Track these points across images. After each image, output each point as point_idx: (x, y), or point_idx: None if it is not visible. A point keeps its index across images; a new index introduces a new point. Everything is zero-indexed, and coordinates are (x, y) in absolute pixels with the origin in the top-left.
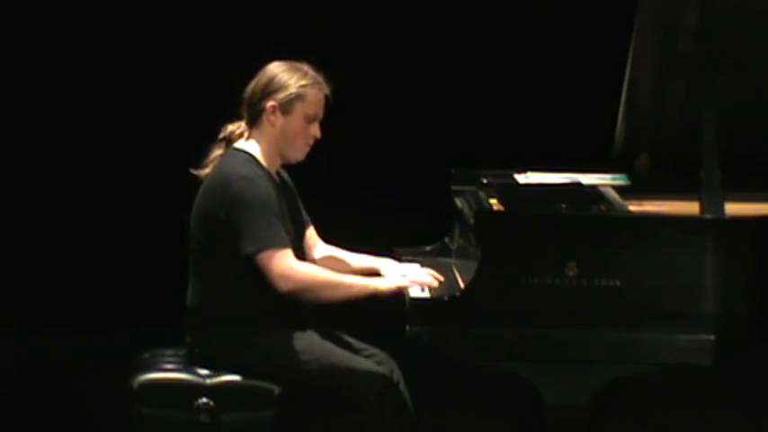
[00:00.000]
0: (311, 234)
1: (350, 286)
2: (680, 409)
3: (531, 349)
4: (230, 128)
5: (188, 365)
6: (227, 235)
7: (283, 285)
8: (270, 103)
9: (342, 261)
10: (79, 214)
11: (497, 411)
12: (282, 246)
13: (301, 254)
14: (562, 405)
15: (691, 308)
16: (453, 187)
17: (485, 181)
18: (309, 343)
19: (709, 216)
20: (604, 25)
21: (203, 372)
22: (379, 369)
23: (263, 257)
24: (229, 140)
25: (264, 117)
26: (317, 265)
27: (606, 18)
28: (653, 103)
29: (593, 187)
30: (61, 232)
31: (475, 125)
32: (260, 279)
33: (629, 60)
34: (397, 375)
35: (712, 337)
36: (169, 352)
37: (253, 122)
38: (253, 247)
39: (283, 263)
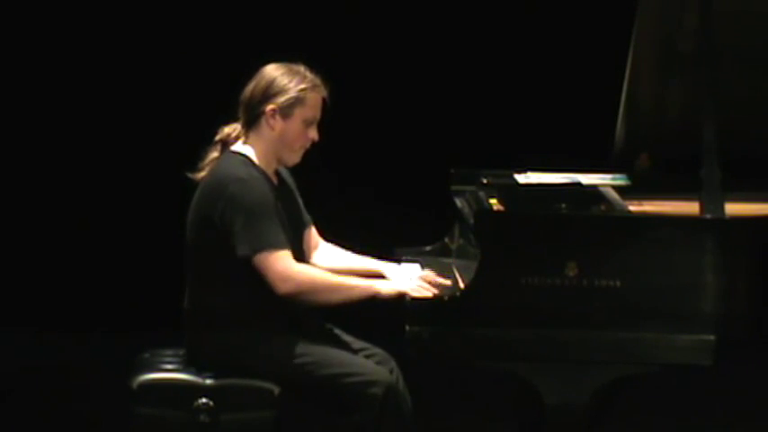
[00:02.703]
0: (312, 235)
1: (351, 288)
2: (680, 409)
3: (531, 349)
4: (226, 130)
5: (187, 366)
6: (223, 237)
7: (282, 287)
8: (269, 107)
9: (344, 262)
10: (79, 216)
11: (497, 411)
12: (280, 247)
13: (301, 255)
14: (562, 405)
15: (691, 308)
16: (453, 187)
17: (485, 181)
18: (310, 345)
19: (709, 216)
20: (604, 25)
21: (203, 372)
22: (381, 369)
23: (261, 259)
24: (225, 143)
25: (263, 120)
26: (317, 267)
27: (606, 18)
28: (653, 103)
29: (594, 187)
30: (60, 233)
31: (475, 125)
32: (257, 282)
33: (629, 60)
34: (397, 374)
35: (712, 337)
36: (169, 352)
37: (250, 125)
38: (248, 249)
39: (281, 264)
